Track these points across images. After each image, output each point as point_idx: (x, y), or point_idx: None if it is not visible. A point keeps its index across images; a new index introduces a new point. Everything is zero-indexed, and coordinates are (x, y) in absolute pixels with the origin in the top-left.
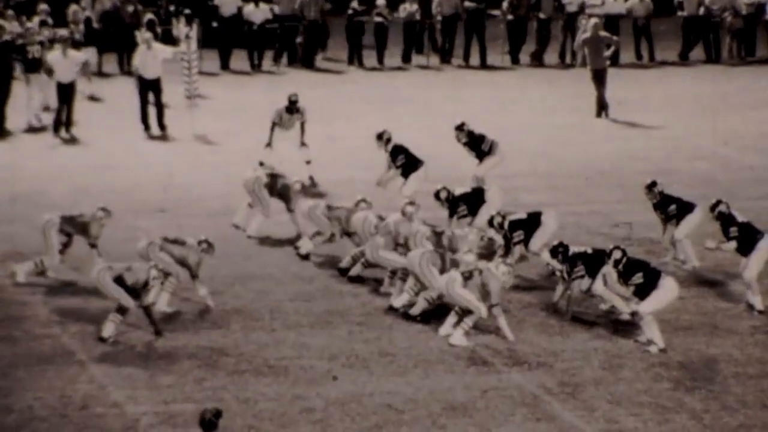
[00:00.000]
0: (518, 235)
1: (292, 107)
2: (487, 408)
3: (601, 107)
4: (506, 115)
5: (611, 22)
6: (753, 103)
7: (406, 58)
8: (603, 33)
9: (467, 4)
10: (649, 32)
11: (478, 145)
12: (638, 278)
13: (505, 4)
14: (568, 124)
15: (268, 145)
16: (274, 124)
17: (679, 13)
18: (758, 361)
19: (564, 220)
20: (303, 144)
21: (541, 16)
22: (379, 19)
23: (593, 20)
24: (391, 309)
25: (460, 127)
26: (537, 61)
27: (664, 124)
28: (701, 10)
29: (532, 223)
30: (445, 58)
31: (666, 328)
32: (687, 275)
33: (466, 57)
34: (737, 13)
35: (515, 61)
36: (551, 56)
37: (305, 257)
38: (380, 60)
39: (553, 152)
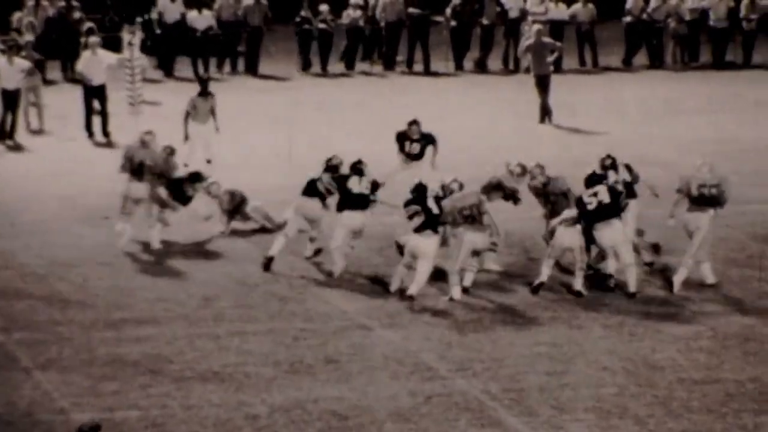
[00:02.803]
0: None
1: (205, 91)
2: (431, 414)
3: (545, 113)
4: (450, 121)
5: (555, 27)
6: (697, 109)
7: (350, 65)
8: (546, 39)
9: (411, 10)
10: (593, 38)
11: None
12: None
13: (448, 11)
14: (511, 130)
15: (186, 138)
16: (188, 114)
17: (623, 19)
18: (703, 366)
19: (510, 226)
20: (217, 129)
21: (485, 22)
22: (323, 25)
23: (536, 26)
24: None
25: (414, 122)
26: (480, 67)
27: (608, 130)
28: (645, 16)
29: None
30: (389, 64)
31: (610, 333)
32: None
33: (410, 63)
34: (681, 19)
35: (459, 67)
36: (495, 62)
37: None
38: (324, 67)
39: (497, 158)
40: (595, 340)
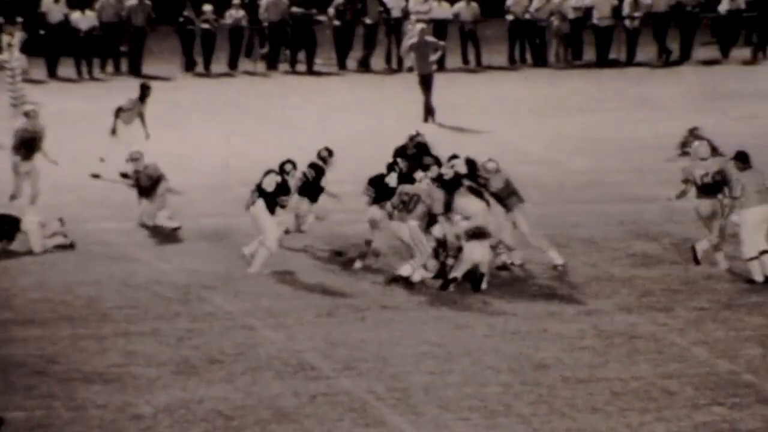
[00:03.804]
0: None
1: (146, 95)
2: (315, 414)
3: (428, 112)
4: (334, 120)
5: (438, 26)
6: (580, 107)
7: (233, 65)
8: (429, 38)
9: (294, 10)
10: (476, 37)
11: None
12: None
13: (331, 10)
14: (395, 129)
15: (113, 132)
16: (119, 111)
17: (507, 17)
18: (587, 365)
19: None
20: (148, 135)
21: (368, 21)
22: (206, 25)
23: (419, 25)
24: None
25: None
26: (363, 66)
27: (492, 129)
28: (527, 14)
29: None
30: (272, 64)
31: (495, 332)
32: (516, 279)
33: (293, 63)
34: (564, 17)
35: (342, 66)
36: (378, 62)
37: None
38: (207, 66)
39: (381, 157)
40: (480, 339)
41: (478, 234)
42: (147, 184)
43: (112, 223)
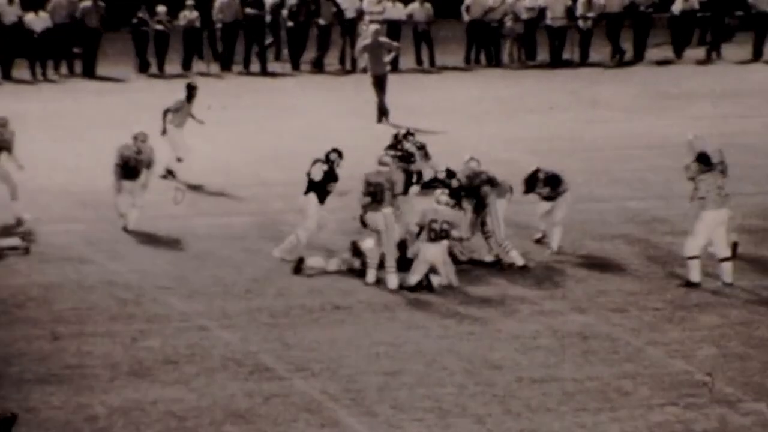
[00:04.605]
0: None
1: (192, 95)
2: (270, 415)
3: (382, 113)
4: (288, 121)
5: (392, 27)
6: (534, 107)
7: (187, 66)
8: (383, 39)
9: (248, 11)
10: (430, 37)
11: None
12: None
13: (285, 11)
14: (349, 130)
15: (163, 132)
16: (167, 112)
17: (464, 18)
18: (542, 365)
19: (349, 226)
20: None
21: (321, 22)
22: (159, 26)
23: (373, 26)
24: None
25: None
26: (317, 67)
27: (446, 129)
28: (482, 15)
29: None
30: (226, 65)
31: (449, 333)
32: (470, 279)
33: (247, 64)
34: (517, 18)
35: (296, 67)
36: (332, 62)
37: None
38: (161, 68)
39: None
40: (434, 339)
41: (436, 236)
42: (134, 166)
43: (65, 225)
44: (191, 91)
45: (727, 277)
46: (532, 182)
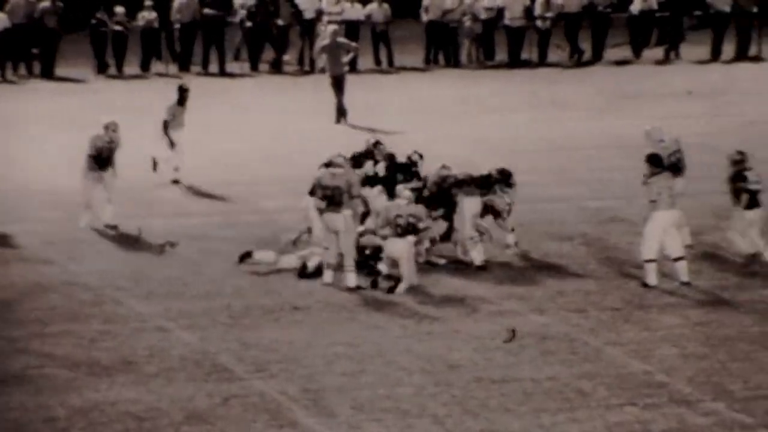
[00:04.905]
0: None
1: (183, 99)
2: (228, 416)
3: (341, 113)
4: (246, 122)
5: (350, 28)
6: (493, 108)
7: (145, 66)
8: (341, 39)
9: (206, 11)
10: (388, 38)
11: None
12: None
13: (243, 12)
14: (308, 131)
15: (172, 145)
16: (166, 123)
17: (423, 18)
18: (500, 365)
19: (303, 226)
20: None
21: (280, 22)
22: (118, 27)
23: (332, 27)
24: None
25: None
26: (276, 68)
27: (405, 129)
28: (441, 15)
29: None
30: (184, 65)
31: (407, 333)
32: (428, 279)
33: (205, 64)
34: (476, 18)
35: (254, 68)
36: (290, 63)
37: None
38: (119, 68)
39: (293, 158)
40: (393, 339)
41: (403, 231)
42: (107, 156)
43: (24, 225)
44: (183, 93)
45: (683, 276)
46: (487, 184)
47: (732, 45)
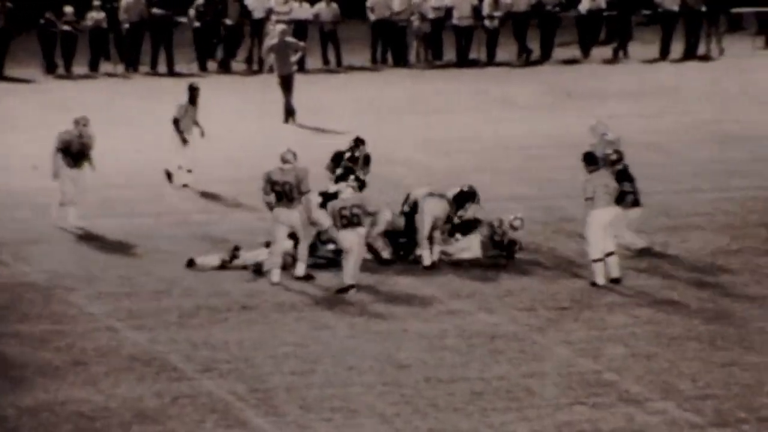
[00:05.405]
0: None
1: (194, 99)
2: (178, 415)
3: (289, 113)
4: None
5: (299, 27)
6: (441, 107)
7: (94, 67)
8: (290, 39)
9: (154, 11)
10: (336, 37)
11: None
12: None
13: (191, 11)
14: (256, 130)
15: (185, 141)
16: (177, 121)
17: (370, 17)
18: (449, 365)
19: (253, 225)
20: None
21: (228, 22)
22: (67, 27)
23: (280, 26)
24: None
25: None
26: (224, 67)
27: (353, 129)
28: (388, 14)
29: None
30: (133, 65)
31: (356, 333)
32: (377, 279)
33: (154, 64)
34: (424, 18)
35: (203, 68)
36: (239, 63)
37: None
38: (68, 68)
39: (242, 158)
40: (342, 339)
41: (348, 222)
42: (77, 150)
43: None
44: (193, 92)
45: (614, 272)
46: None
47: (680, 44)
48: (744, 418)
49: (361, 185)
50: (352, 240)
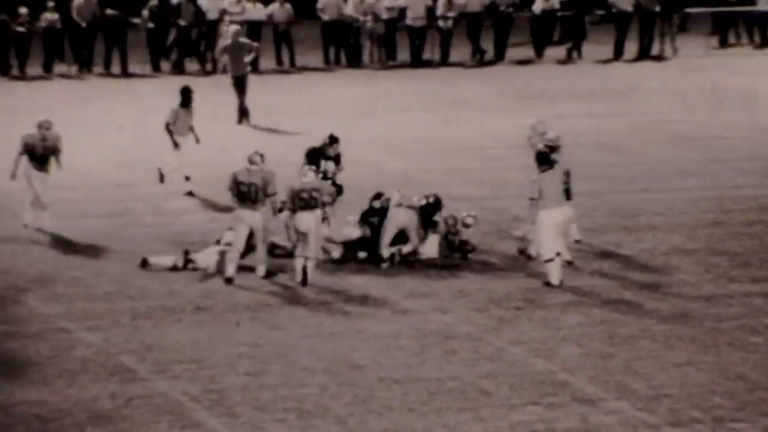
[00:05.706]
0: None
1: (188, 102)
2: (132, 416)
3: (243, 114)
4: (149, 123)
5: (252, 28)
6: (395, 107)
7: (48, 68)
8: (243, 39)
9: (108, 11)
10: (290, 38)
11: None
12: None
13: (145, 12)
14: (210, 131)
15: (176, 146)
16: (168, 125)
17: (322, 17)
18: (403, 365)
19: (206, 227)
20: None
21: (182, 23)
22: (21, 28)
23: (233, 27)
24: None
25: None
26: (178, 68)
27: (307, 130)
28: (339, 15)
29: None
30: (87, 66)
31: (310, 333)
32: (331, 279)
33: (107, 65)
34: (378, 18)
35: (156, 69)
36: (192, 64)
37: None
38: (22, 70)
39: (197, 157)
40: (296, 339)
41: (305, 205)
42: (41, 154)
43: None
44: (186, 95)
45: (553, 277)
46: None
47: (634, 44)
48: (698, 418)
49: (339, 190)
50: (309, 222)
